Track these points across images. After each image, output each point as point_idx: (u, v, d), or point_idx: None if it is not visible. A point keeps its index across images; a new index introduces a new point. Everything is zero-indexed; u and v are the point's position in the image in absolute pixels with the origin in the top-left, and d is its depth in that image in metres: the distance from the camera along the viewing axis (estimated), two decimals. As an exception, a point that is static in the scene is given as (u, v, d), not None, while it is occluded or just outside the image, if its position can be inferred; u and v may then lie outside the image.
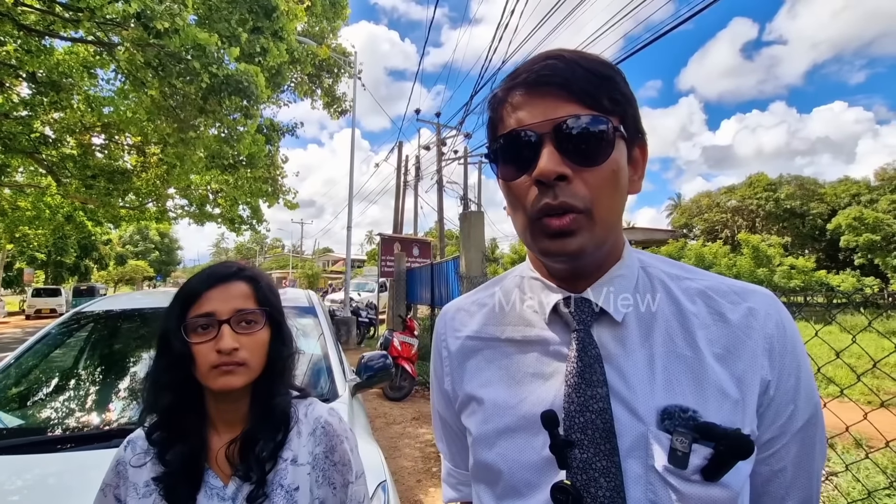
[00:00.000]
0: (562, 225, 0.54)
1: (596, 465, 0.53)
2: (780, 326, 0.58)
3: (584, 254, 0.56)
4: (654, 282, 0.63)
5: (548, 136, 0.54)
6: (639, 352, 0.58)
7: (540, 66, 0.57)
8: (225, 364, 0.82)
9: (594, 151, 0.54)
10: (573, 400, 0.56)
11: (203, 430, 0.88)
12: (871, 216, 25.19)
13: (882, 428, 1.78)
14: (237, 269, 0.91)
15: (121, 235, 46.17)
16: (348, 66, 12.74)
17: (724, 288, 0.61)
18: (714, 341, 0.57)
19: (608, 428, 0.54)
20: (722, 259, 21.11)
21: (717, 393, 0.54)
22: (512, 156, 0.57)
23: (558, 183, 0.54)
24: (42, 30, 6.15)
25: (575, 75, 0.55)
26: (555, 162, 0.53)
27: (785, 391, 0.56)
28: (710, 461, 0.51)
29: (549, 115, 0.54)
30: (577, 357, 0.58)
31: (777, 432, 0.57)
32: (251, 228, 12.44)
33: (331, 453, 0.90)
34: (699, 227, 38.39)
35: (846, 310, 13.30)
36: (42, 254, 26.47)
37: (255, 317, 0.86)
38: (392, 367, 2.39)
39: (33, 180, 11.01)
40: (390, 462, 4.05)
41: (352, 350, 9.96)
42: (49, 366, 2.22)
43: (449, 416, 0.75)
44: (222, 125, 7.31)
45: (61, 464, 1.54)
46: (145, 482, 0.85)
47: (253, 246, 70.42)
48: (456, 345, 0.72)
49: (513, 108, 0.58)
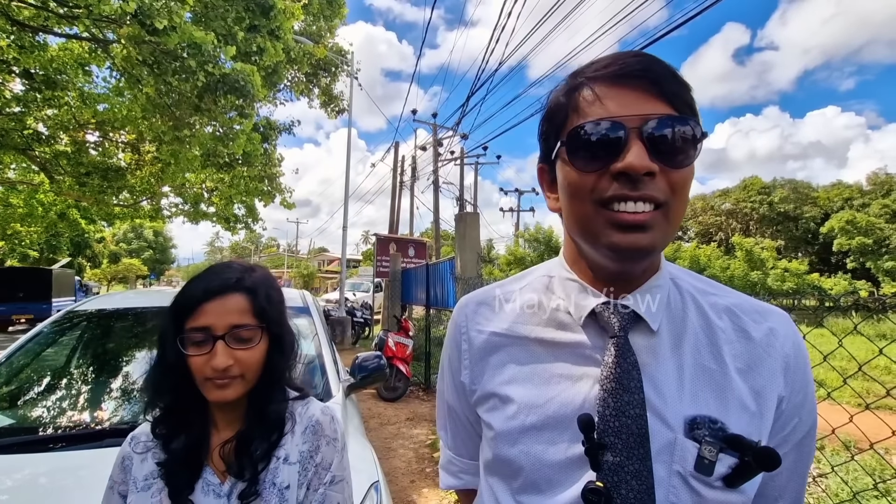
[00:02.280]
0: (636, 219, 0.54)
1: (628, 468, 0.55)
2: (797, 347, 0.62)
3: (654, 251, 0.57)
4: (684, 295, 0.65)
5: (636, 130, 0.54)
6: (669, 361, 0.60)
7: (627, 60, 0.56)
8: (219, 378, 0.82)
9: (683, 153, 0.55)
10: (609, 404, 0.57)
11: (205, 426, 0.89)
12: (864, 220, 25.46)
13: (869, 430, 1.81)
14: (235, 280, 0.88)
15: (114, 233, 45.80)
16: (345, 64, 12.71)
17: (748, 306, 0.64)
18: (738, 356, 0.60)
19: (643, 433, 0.56)
20: (716, 262, 21.25)
21: (738, 405, 0.58)
22: (593, 146, 0.55)
23: (643, 178, 0.53)
24: (36, 26, 6.10)
25: (663, 75, 0.55)
26: (645, 157, 0.53)
27: (793, 406, 0.60)
28: (733, 470, 0.54)
29: (638, 109, 0.54)
30: (615, 363, 0.59)
31: (780, 442, 0.61)
32: (246, 227, 12.38)
33: (315, 453, 0.91)
34: (693, 230, 38.61)
35: (839, 313, 13.41)
36: (34, 251, 26.20)
37: (251, 333, 0.86)
38: (386, 368, 2.39)
39: (26, 177, 10.90)
40: (384, 462, 4.05)
41: (346, 350, 9.95)
42: (41, 365, 2.21)
43: (459, 407, 0.76)
44: (218, 123, 7.28)
45: (53, 463, 1.53)
46: (144, 476, 0.87)
47: (248, 245, 70.07)
48: (479, 339, 0.72)
49: (596, 98, 0.56)
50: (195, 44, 5.25)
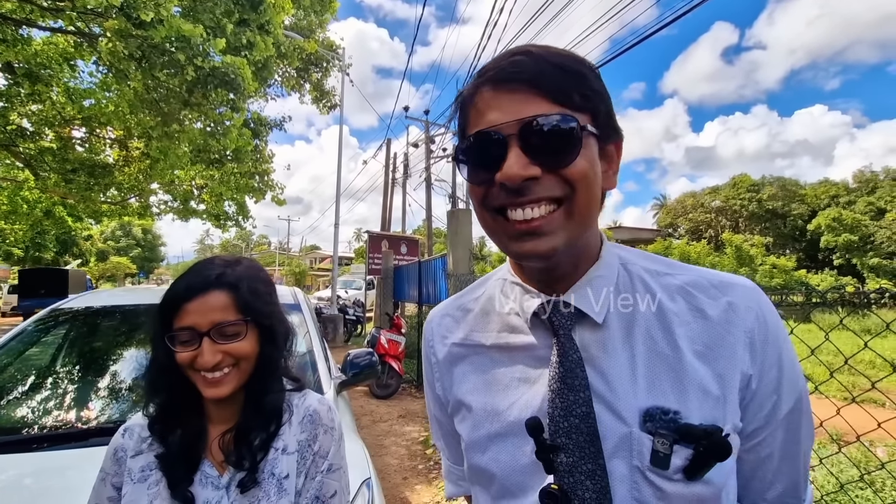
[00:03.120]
0: (530, 227, 0.53)
1: (582, 468, 0.54)
2: (761, 319, 0.57)
3: (556, 253, 0.55)
4: (634, 280, 0.62)
5: (514, 136, 0.52)
6: (620, 353, 0.58)
7: (507, 63, 0.54)
8: (211, 374, 0.83)
9: (563, 151, 0.52)
10: (556, 405, 0.57)
11: (202, 420, 0.90)
12: (850, 217, 25.87)
13: (855, 423, 1.83)
14: (215, 277, 0.87)
15: (102, 231, 45.15)
16: (336, 59, 12.61)
17: (704, 283, 0.60)
18: (695, 339, 0.57)
19: (592, 431, 0.54)
20: (705, 258, 21.49)
21: (698, 391, 0.54)
22: (478, 157, 0.55)
23: (526, 184, 0.52)
24: (20, 19, 5.97)
25: (543, 71, 0.53)
26: (521, 164, 0.51)
27: (767, 383, 0.56)
28: (690, 461, 0.52)
29: (516, 114, 0.52)
30: (559, 362, 0.58)
31: (762, 422, 0.57)
32: (237, 225, 12.26)
33: (312, 442, 0.92)
34: (684, 227, 38.98)
35: (826, 308, 13.63)
36: (19, 249, 25.76)
37: (236, 328, 0.86)
38: (378, 365, 2.38)
39: (9, 174, 10.68)
40: (376, 460, 4.05)
41: (339, 348, 9.91)
42: (25, 364, 2.17)
43: (443, 419, 0.76)
44: (207, 119, 7.18)
45: (38, 463, 1.51)
46: (140, 467, 0.87)
47: (239, 243, 69.52)
48: (443, 351, 0.72)
49: (479, 107, 0.56)
50: (183, 37, 5.17)
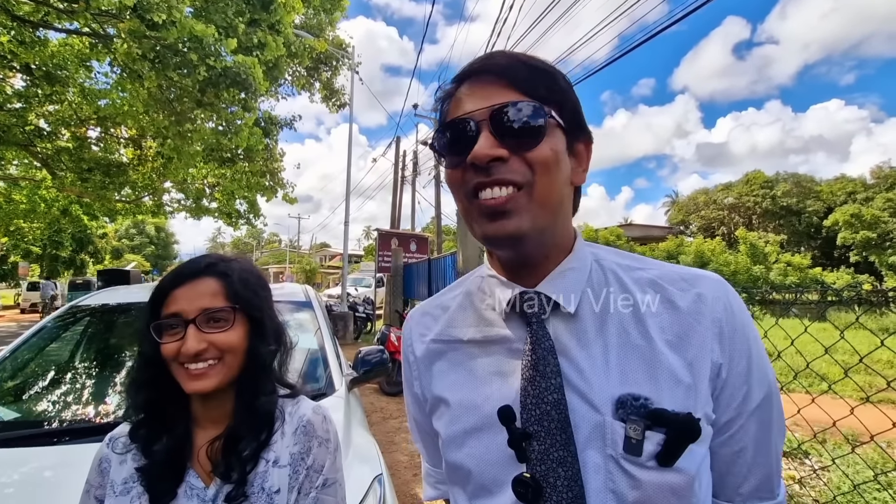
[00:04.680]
0: (497, 203, 0.56)
1: (553, 456, 0.54)
2: (729, 310, 0.59)
3: (522, 235, 0.57)
4: (607, 274, 0.64)
5: (485, 122, 0.56)
6: (594, 343, 0.59)
7: (482, 60, 0.61)
8: (194, 364, 0.79)
9: (528, 135, 0.56)
10: (529, 392, 0.58)
11: (188, 426, 0.86)
12: (869, 213, 25.34)
13: (870, 422, 1.81)
14: (206, 265, 0.86)
15: (116, 229, 45.90)
16: (346, 58, 12.65)
17: (674, 276, 0.63)
18: (666, 329, 0.59)
19: (563, 418, 0.55)
20: (720, 256, 21.22)
21: (670, 379, 0.56)
22: (453, 144, 0.60)
23: (494, 164, 0.56)
24: (36, 21, 6.08)
25: (513, 66, 0.58)
26: (489, 145, 0.55)
27: (738, 373, 0.58)
28: (662, 447, 0.53)
29: (487, 102, 0.57)
30: (532, 350, 0.59)
31: (734, 413, 0.58)
32: (248, 223, 12.40)
33: (306, 455, 0.87)
34: (696, 224, 38.51)
35: (842, 307, 13.38)
36: (37, 247, 26.31)
37: (224, 315, 0.83)
38: (389, 362, 2.40)
39: (28, 173, 10.92)
40: (387, 456, 4.07)
41: (349, 345, 9.98)
42: (45, 359, 2.22)
43: (421, 419, 0.76)
44: (220, 118, 7.27)
45: (58, 457, 1.54)
46: (123, 479, 0.83)
47: (250, 241, 70.24)
48: (421, 349, 0.73)
49: (456, 100, 0.61)
50: (196, 37, 5.23)
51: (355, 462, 1.60)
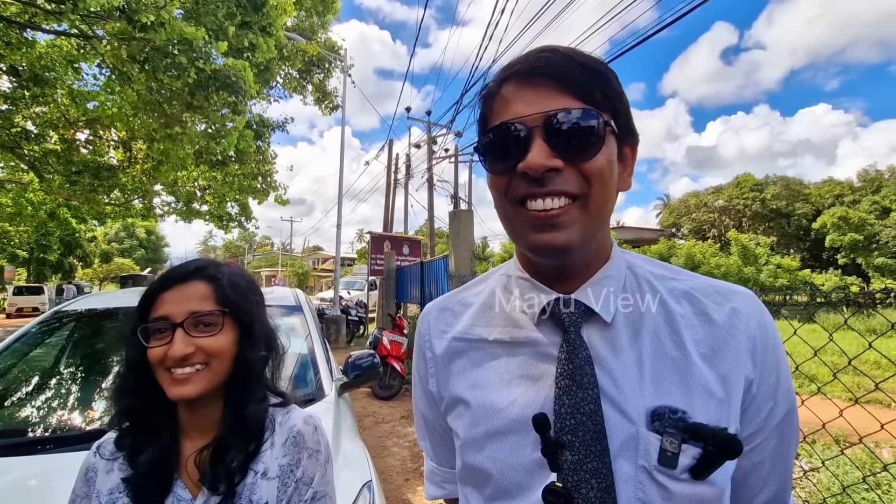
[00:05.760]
0: (549, 216, 0.54)
1: (587, 467, 0.53)
2: (763, 326, 0.58)
3: (571, 248, 0.55)
4: (641, 282, 0.63)
5: (538, 128, 0.53)
6: (628, 353, 0.58)
7: (534, 58, 0.56)
8: (180, 369, 0.78)
9: (585, 145, 0.53)
10: (564, 402, 0.56)
11: (175, 435, 0.84)
12: (856, 216, 25.72)
13: (858, 424, 1.82)
14: (195, 268, 0.85)
15: (106, 233, 45.38)
16: (338, 60, 12.63)
17: (709, 289, 0.62)
18: (700, 342, 0.58)
19: (599, 429, 0.54)
20: (711, 258, 21.41)
21: (703, 392, 0.55)
22: (501, 148, 0.56)
23: (548, 175, 0.53)
24: (23, 22, 6.01)
25: (568, 67, 0.55)
26: (544, 155, 0.53)
27: (766, 388, 0.57)
28: (698, 461, 0.52)
29: (540, 107, 0.54)
30: (568, 359, 0.58)
31: (758, 427, 0.58)
32: (239, 226, 12.30)
33: (295, 467, 0.85)
34: (687, 227, 38.84)
35: (830, 308, 13.55)
36: (24, 251, 25.93)
37: (213, 318, 0.81)
38: (379, 366, 2.39)
39: (14, 176, 10.74)
40: (378, 461, 4.05)
41: (341, 349, 9.92)
42: (28, 366, 2.18)
43: (432, 417, 0.75)
44: (210, 121, 7.21)
45: (42, 466, 1.51)
46: (109, 490, 0.81)
47: (242, 244, 69.68)
48: (441, 346, 0.71)
49: (504, 100, 0.57)
50: (185, 40, 5.19)
51: (344, 468, 1.58)
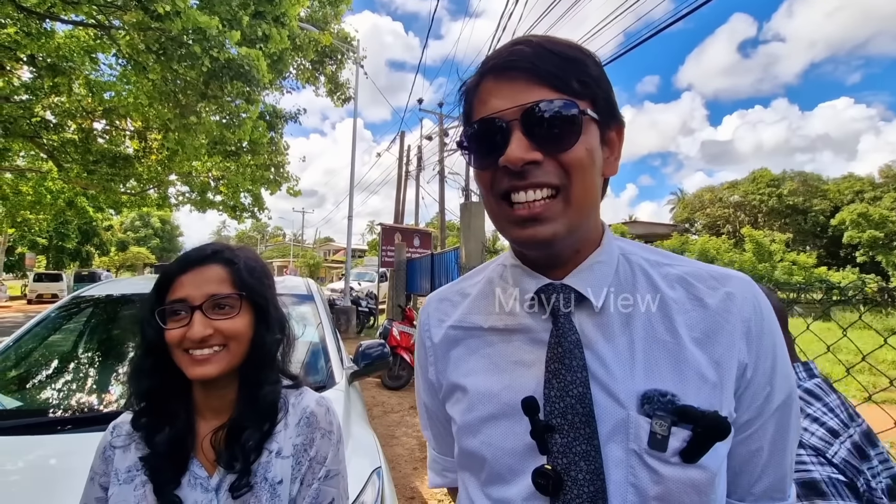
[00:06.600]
0: (532, 211, 0.54)
1: (576, 449, 0.54)
2: (757, 310, 0.58)
3: (556, 240, 0.56)
4: (634, 268, 0.63)
5: (516, 122, 0.54)
6: (619, 338, 0.59)
7: (508, 52, 0.56)
8: (199, 350, 0.79)
9: (564, 136, 0.54)
10: (553, 385, 0.57)
11: (190, 416, 0.85)
12: (877, 213, 25.11)
13: (872, 422, 1.79)
14: (212, 252, 0.87)
15: (122, 222, 46.21)
16: (351, 51, 12.61)
17: (703, 273, 0.61)
18: (693, 326, 0.58)
19: (588, 412, 0.55)
20: (725, 254, 21.11)
21: (696, 377, 0.55)
22: (483, 144, 0.57)
23: (528, 167, 0.54)
24: (42, 12, 6.09)
25: (542, 59, 0.55)
26: (523, 149, 0.53)
27: (762, 373, 0.57)
28: (688, 443, 0.52)
29: (517, 100, 0.54)
30: (557, 343, 0.59)
31: (754, 413, 0.58)
32: (252, 216, 12.42)
33: (309, 446, 0.87)
34: (701, 222, 38.31)
35: (847, 307, 13.29)
36: (43, 239, 26.54)
37: (231, 301, 0.83)
38: (389, 356, 2.41)
39: (34, 165, 10.97)
40: (387, 450, 4.10)
41: (351, 339, 10.01)
42: (48, 349, 2.24)
43: (433, 405, 0.76)
44: (224, 111, 7.27)
45: (60, 446, 1.55)
46: (127, 468, 0.83)
47: (254, 234, 70.47)
48: (439, 334, 0.73)
49: (482, 96, 0.58)
50: (200, 29, 5.22)
51: (354, 455, 1.60)
